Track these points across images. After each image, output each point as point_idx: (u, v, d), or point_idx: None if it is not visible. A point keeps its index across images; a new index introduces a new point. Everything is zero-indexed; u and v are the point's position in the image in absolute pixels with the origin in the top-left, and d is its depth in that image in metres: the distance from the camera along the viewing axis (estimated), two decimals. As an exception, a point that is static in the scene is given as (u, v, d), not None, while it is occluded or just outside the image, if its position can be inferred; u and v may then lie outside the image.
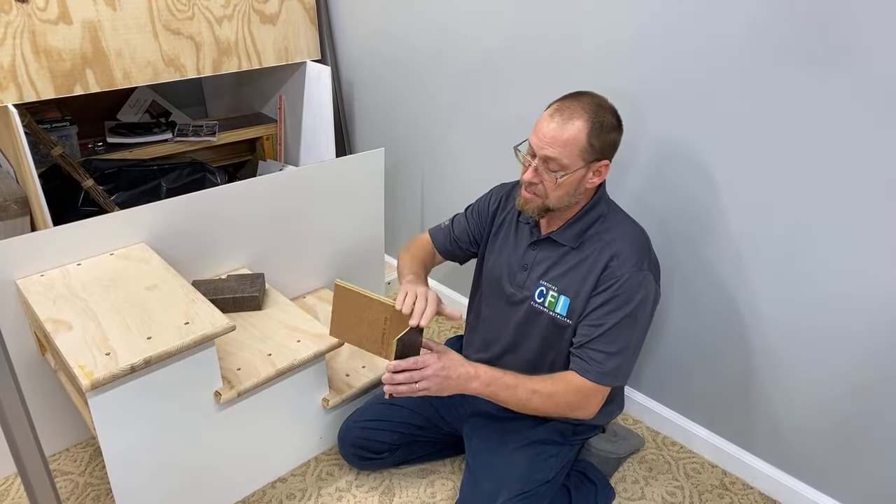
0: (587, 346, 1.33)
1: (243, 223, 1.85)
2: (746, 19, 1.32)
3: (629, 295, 1.29)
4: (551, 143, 1.26)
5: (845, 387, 1.40)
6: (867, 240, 1.28)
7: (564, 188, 1.30)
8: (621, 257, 1.31)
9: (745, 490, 1.62)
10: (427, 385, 1.28)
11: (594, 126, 1.25)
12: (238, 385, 1.47)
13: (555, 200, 1.32)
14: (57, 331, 1.33)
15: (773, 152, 1.36)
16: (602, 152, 1.29)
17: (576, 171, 1.28)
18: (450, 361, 1.30)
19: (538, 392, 1.31)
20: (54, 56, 1.80)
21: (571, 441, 1.51)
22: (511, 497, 1.37)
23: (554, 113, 1.27)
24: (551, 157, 1.27)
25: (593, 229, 1.36)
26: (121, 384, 1.28)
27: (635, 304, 1.30)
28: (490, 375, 1.31)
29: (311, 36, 2.30)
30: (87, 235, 1.58)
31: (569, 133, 1.25)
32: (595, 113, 1.26)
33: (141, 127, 2.43)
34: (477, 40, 1.90)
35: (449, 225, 1.64)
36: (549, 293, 1.39)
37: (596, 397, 1.34)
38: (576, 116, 1.25)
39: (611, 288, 1.31)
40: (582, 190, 1.33)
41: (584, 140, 1.25)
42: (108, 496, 1.61)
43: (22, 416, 0.95)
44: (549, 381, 1.33)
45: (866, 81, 1.20)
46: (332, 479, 1.67)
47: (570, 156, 1.26)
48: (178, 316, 1.38)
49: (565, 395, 1.32)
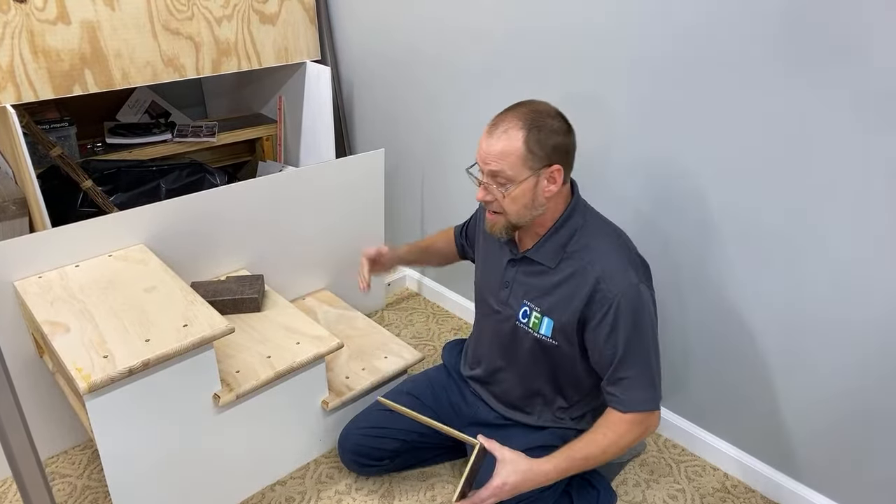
0: (612, 378, 1.32)
1: (243, 224, 1.84)
2: (747, 19, 1.31)
3: (629, 312, 1.27)
4: (491, 157, 1.25)
5: (846, 389, 1.39)
6: (866, 239, 1.28)
7: (520, 201, 1.27)
8: (607, 276, 1.28)
9: (748, 494, 1.61)
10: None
11: (531, 131, 1.23)
12: (237, 388, 1.46)
13: (515, 216, 1.29)
14: (54, 333, 1.32)
15: (772, 152, 1.35)
16: (549, 157, 1.25)
17: (523, 181, 1.25)
18: (516, 478, 1.29)
19: (609, 449, 1.31)
20: (53, 56, 1.80)
21: None
22: (513, 502, 1.36)
23: (491, 127, 1.26)
24: (495, 170, 1.25)
25: (570, 246, 1.33)
26: (118, 387, 1.27)
27: (637, 319, 1.28)
28: (560, 469, 1.31)
29: (310, 36, 2.30)
30: (86, 237, 1.57)
31: (505, 143, 1.23)
32: (531, 119, 1.24)
33: (140, 127, 2.42)
34: (477, 40, 1.89)
35: (467, 220, 1.68)
36: (533, 314, 1.37)
37: (650, 418, 1.33)
38: (511, 126, 1.24)
39: (609, 313, 1.28)
40: (541, 200, 1.29)
41: (522, 147, 1.23)
42: (106, 499, 1.60)
43: (17, 420, 0.95)
44: (608, 433, 1.31)
45: (865, 81, 1.19)
46: (331, 482, 1.66)
47: (512, 166, 1.24)
48: (177, 318, 1.37)
49: (628, 434, 1.31)
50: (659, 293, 1.66)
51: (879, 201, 1.24)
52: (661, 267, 1.64)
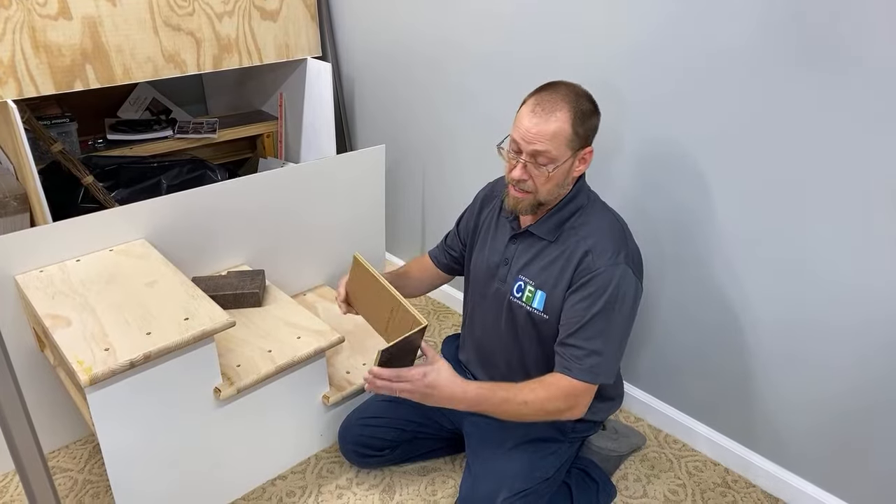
0: (566, 342, 1.32)
1: (244, 220, 1.85)
2: (746, 18, 1.31)
3: (605, 289, 1.27)
4: (538, 138, 1.25)
5: (846, 384, 1.40)
6: (864, 239, 1.28)
7: (555, 180, 1.29)
8: (596, 251, 1.30)
9: (748, 488, 1.62)
10: (407, 395, 1.29)
11: (576, 114, 1.25)
12: (238, 381, 1.46)
13: (545, 194, 1.31)
14: (56, 326, 1.32)
15: (770, 152, 1.36)
16: (587, 139, 1.29)
17: (565, 161, 1.27)
18: (437, 380, 1.28)
19: (528, 403, 1.30)
20: (54, 51, 1.80)
21: (571, 438, 1.50)
22: (511, 495, 1.36)
23: (535, 107, 1.26)
24: (540, 150, 1.26)
25: (571, 222, 1.35)
26: (119, 380, 1.27)
27: (612, 298, 1.28)
28: (478, 396, 1.30)
29: (311, 33, 2.30)
30: (87, 231, 1.58)
31: (554, 125, 1.24)
32: (575, 101, 1.26)
33: (141, 124, 2.42)
34: (478, 37, 1.90)
35: (443, 239, 1.67)
36: (527, 287, 1.38)
37: (584, 397, 1.32)
38: (557, 108, 1.25)
39: (587, 283, 1.29)
40: (570, 180, 1.32)
41: (570, 129, 1.25)
42: (107, 493, 1.60)
43: (20, 413, 0.95)
44: (538, 388, 1.31)
45: (863, 81, 1.19)
46: (332, 477, 1.66)
47: (558, 147, 1.25)
48: (178, 312, 1.37)
49: (555, 400, 1.30)
50: (659, 289, 1.67)
51: (877, 201, 1.24)
52: (661, 264, 1.65)
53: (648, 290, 1.69)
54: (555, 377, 1.31)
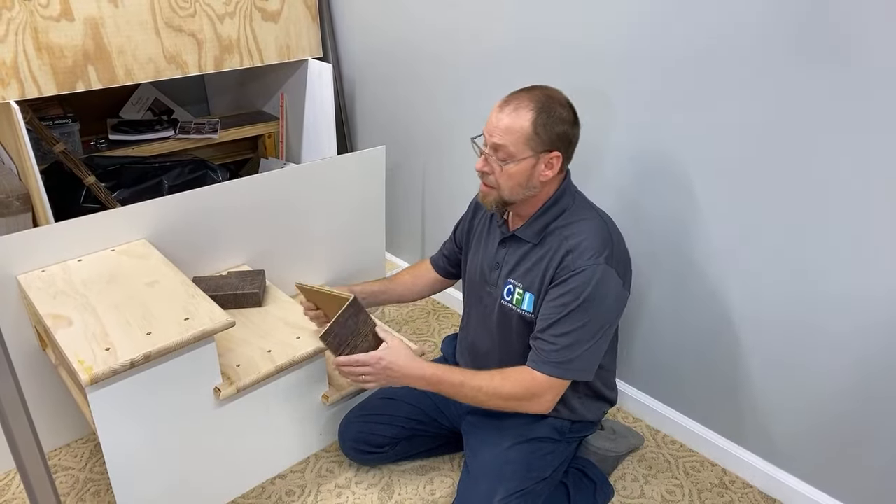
0: (539, 336, 1.33)
1: (244, 220, 1.86)
2: (745, 18, 1.32)
3: (583, 287, 1.28)
4: (497, 131, 1.28)
5: (843, 385, 1.40)
6: (863, 238, 1.28)
7: (515, 178, 1.30)
8: (578, 251, 1.30)
9: (745, 488, 1.62)
10: (370, 380, 1.36)
11: (540, 115, 1.26)
12: (237, 381, 1.47)
13: (508, 192, 1.32)
14: (57, 326, 1.33)
15: (769, 151, 1.36)
16: (552, 143, 1.28)
17: (523, 160, 1.28)
18: (394, 361, 1.34)
19: (483, 389, 1.32)
20: (56, 52, 1.81)
21: (568, 438, 1.50)
22: (508, 495, 1.37)
23: (503, 103, 1.30)
24: (499, 144, 1.28)
25: (555, 223, 1.36)
26: (120, 379, 1.28)
27: (589, 296, 1.27)
28: (436, 376, 1.34)
29: (312, 34, 2.31)
30: (88, 231, 1.59)
31: (514, 120, 1.26)
32: (542, 103, 1.27)
33: (143, 124, 2.43)
34: (478, 38, 1.90)
35: (443, 245, 1.70)
36: (516, 290, 1.39)
37: (549, 392, 1.32)
38: (522, 106, 1.27)
39: (566, 281, 1.30)
40: (536, 183, 1.32)
41: (529, 128, 1.26)
42: (108, 492, 1.62)
43: (21, 413, 0.96)
44: (497, 376, 1.34)
45: (861, 80, 1.20)
46: (331, 476, 1.67)
47: (515, 143, 1.27)
48: (178, 312, 1.38)
49: (512, 389, 1.32)
50: (658, 290, 1.67)
51: (876, 200, 1.25)
52: (660, 264, 1.65)
53: (647, 291, 1.70)
54: (521, 369, 1.34)
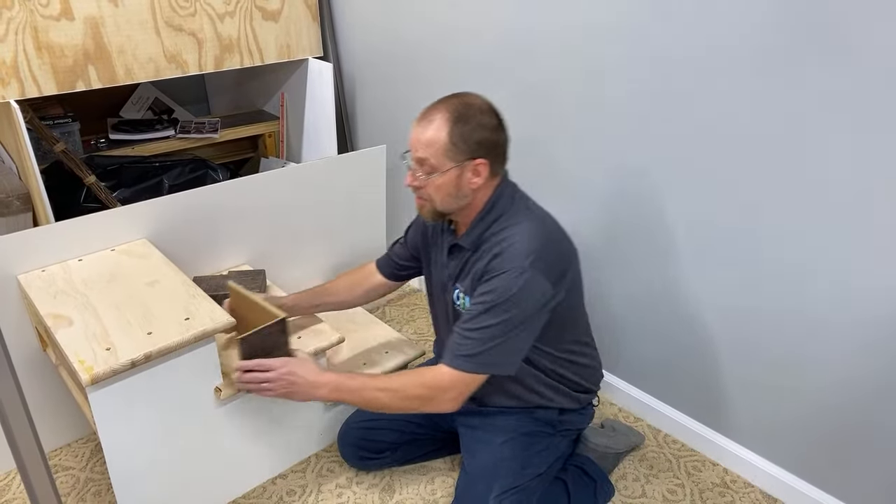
0: (455, 330, 1.32)
1: (244, 220, 1.85)
2: (743, 17, 1.32)
3: (503, 289, 1.26)
4: (416, 145, 1.29)
5: (844, 384, 1.40)
6: (860, 237, 1.28)
7: (444, 190, 1.30)
8: (504, 255, 1.29)
9: (747, 488, 1.62)
10: (272, 387, 1.34)
11: (456, 125, 1.25)
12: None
13: (441, 203, 1.32)
14: (57, 326, 1.33)
15: (766, 151, 1.36)
16: (473, 151, 1.27)
17: (447, 171, 1.27)
18: (298, 368, 1.34)
19: (385, 390, 1.32)
20: (56, 52, 1.81)
21: (561, 431, 1.50)
22: (503, 492, 1.37)
23: (420, 116, 1.30)
24: (421, 158, 1.28)
25: (491, 230, 1.34)
26: (121, 379, 1.28)
27: (508, 297, 1.25)
28: (336, 381, 1.34)
29: (313, 33, 2.30)
30: (89, 231, 1.58)
31: (430, 133, 1.26)
32: (458, 112, 1.26)
33: (143, 124, 2.43)
34: (479, 37, 1.90)
35: (389, 248, 1.68)
36: (461, 296, 1.40)
37: (453, 388, 1.30)
38: (437, 117, 1.26)
39: (488, 281, 1.29)
40: (466, 191, 1.31)
41: (446, 139, 1.25)
42: (108, 491, 1.61)
43: (21, 413, 0.96)
44: (400, 377, 1.34)
45: (859, 76, 1.19)
46: (332, 476, 1.67)
47: (436, 156, 1.27)
48: (179, 311, 1.38)
49: (413, 389, 1.31)
50: (658, 289, 1.67)
51: (874, 200, 1.24)
52: (659, 263, 1.65)
53: (647, 290, 1.69)
54: (427, 368, 1.34)
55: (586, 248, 1.79)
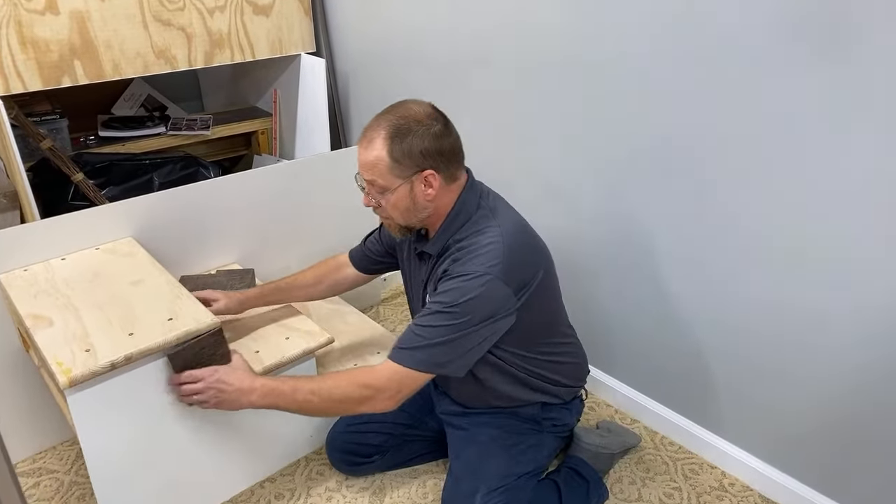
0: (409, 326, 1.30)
1: (234, 218, 1.82)
2: (743, 18, 1.28)
3: (459, 293, 1.23)
4: (363, 168, 1.27)
5: (845, 387, 1.37)
6: (860, 237, 1.25)
7: (400, 206, 1.28)
8: (461, 261, 1.26)
9: (745, 492, 1.59)
10: (203, 398, 1.29)
11: (394, 142, 1.22)
12: (224, 383, 1.44)
13: (402, 219, 1.31)
14: (37, 327, 1.30)
15: (765, 150, 1.33)
16: (418, 164, 1.24)
17: (396, 188, 1.25)
18: (227, 376, 1.29)
19: (316, 393, 1.28)
20: (41, 47, 1.78)
21: (548, 428, 1.47)
22: (490, 491, 1.35)
23: (361, 138, 1.27)
24: (369, 180, 1.27)
25: (455, 237, 1.32)
26: (101, 381, 1.24)
27: (463, 301, 1.22)
28: (268, 387, 1.29)
29: (305, 28, 2.27)
30: (72, 229, 1.56)
31: (373, 155, 1.24)
32: (395, 127, 1.23)
33: (134, 121, 2.41)
34: (473, 33, 1.87)
35: (363, 241, 1.66)
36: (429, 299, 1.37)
37: (389, 387, 1.26)
38: (375, 137, 1.24)
39: (445, 283, 1.26)
40: (423, 204, 1.28)
41: (387, 158, 1.23)
42: (93, 496, 1.58)
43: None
44: (336, 376, 1.30)
45: (858, 70, 1.16)
46: (321, 479, 1.64)
47: (382, 175, 1.25)
48: (162, 312, 1.35)
49: (346, 391, 1.27)
50: (657, 289, 1.64)
51: (873, 200, 1.21)
52: (659, 262, 1.62)
53: (645, 291, 1.67)
54: (369, 367, 1.31)
55: (583, 249, 1.77)
